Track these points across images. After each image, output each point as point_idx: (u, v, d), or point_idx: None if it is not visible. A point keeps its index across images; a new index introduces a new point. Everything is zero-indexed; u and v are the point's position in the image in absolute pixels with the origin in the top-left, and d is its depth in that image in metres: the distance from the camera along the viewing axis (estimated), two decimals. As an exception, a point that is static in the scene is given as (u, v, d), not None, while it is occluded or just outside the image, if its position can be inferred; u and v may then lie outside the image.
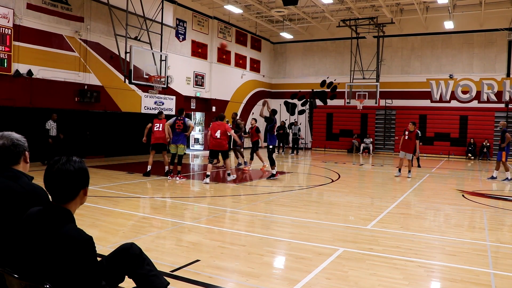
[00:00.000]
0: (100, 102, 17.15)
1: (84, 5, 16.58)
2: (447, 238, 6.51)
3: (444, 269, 5.10)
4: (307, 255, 5.38)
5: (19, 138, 2.63)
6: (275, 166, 12.79)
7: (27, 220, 2.21)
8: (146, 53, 16.52)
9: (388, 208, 8.71)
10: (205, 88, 24.02)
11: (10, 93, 14.14)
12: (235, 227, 6.99)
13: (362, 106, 24.95)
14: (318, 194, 10.79)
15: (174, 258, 5.07)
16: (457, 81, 25.22)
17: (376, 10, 23.70)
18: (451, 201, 9.96)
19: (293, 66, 30.36)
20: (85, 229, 2.20)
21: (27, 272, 2.10)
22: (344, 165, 18.58)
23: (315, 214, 8.05)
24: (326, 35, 28.15)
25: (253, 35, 28.23)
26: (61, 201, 2.22)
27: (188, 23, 22.35)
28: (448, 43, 25.35)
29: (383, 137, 26.78)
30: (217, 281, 4.38)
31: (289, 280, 4.49)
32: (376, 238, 6.31)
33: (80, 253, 2.08)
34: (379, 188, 12.38)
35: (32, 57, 14.79)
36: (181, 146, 12.18)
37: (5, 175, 2.51)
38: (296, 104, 29.99)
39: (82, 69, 16.61)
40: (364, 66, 25.69)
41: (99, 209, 7.80)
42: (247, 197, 9.87)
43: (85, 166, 2.30)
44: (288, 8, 22.19)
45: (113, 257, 2.91)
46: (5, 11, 13.86)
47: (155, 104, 19.94)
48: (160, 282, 2.98)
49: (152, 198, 9.37)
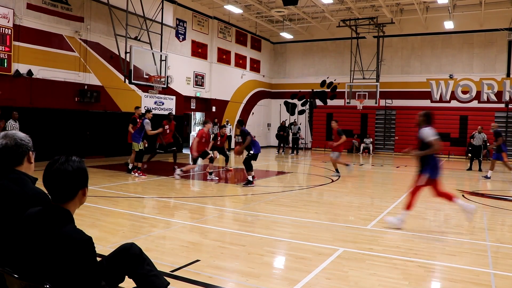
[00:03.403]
0: (100, 102, 17.15)
1: (84, 5, 16.57)
2: (447, 238, 6.52)
3: (444, 269, 5.11)
4: (307, 255, 5.38)
5: (23, 138, 2.58)
6: (252, 172, 11.45)
7: (27, 220, 2.21)
8: (146, 53, 16.52)
9: (388, 208, 8.71)
10: (205, 88, 24.02)
11: (10, 93, 14.14)
12: (235, 227, 6.99)
13: (362, 106, 24.95)
14: (318, 194, 10.79)
15: (174, 258, 5.07)
16: (457, 81, 25.22)
17: (376, 10, 23.70)
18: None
19: (293, 66, 30.35)
20: (85, 229, 2.20)
21: (27, 272, 2.10)
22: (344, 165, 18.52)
23: (315, 214, 8.05)
24: (326, 35, 28.13)
25: (253, 35, 28.23)
26: (60, 201, 2.22)
27: (188, 23, 22.35)
28: (448, 43, 25.35)
29: (383, 137, 26.78)
30: (217, 281, 4.38)
31: (289, 280, 4.50)
32: (376, 238, 6.31)
33: (80, 253, 2.08)
34: (379, 188, 12.39)
35: (32, 57, 14.79)
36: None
37: (8, 178, 2.47)
38: (296, 104, 29.98)
39: (82, 69, 16.61)
40: (364, 66, 25.68)
41: (99, 209, 7.80)
42: (247, 197, 9.87)
43: (84, 166, 2.28)
44: (288, 8, 22.19)
45: (113, 257, 2.91)
46: (5, 11, 13.86)
47: (155, 104, 19.94)
48: (160, 282, 2.98)
49: (152, 198, 9.37)
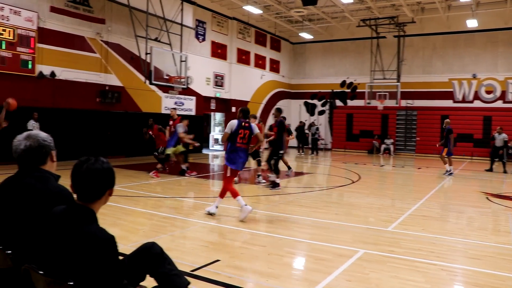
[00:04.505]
0: (121, 102, 17.37)
1: (105, 7, 16.82)
2: (470, 241, 6.37)
3: (467, 273, 5.00)
4: (327, 256, 5.34)
5: (45, 138, 2.66)
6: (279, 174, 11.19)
7: (52, 219, 2.24)
8: (166, 54, 16.66)
9: (409, 210, 8.59)
10: (225, 88, 24.10)
11: (34, 94, 14.44)
12: (255, 228, 6.98)
13: (383, 106, 24.69)
14: (338, 195, 10.71)
15: (194, 258, 5.08)
16: (481, 81, 24.74)
17: (397, 10, 23.41)
18: (474, 204, 9.77)
19: (312, 66, 30.22)
20: (107, 228, 2.22)
21: (51, 269, 2.13)
22: (365, 166, 18.41)
23: (335, 215, 7.99)
24: (346, 35, 27.92)
25: (272, 35, 28.20)
26: (87, 200, 2.25)
27: (208, 24, 22.47)
28: (471, 42, 24.87)
29: (404, 138, 26.45)
30: (237, 281, 4.37)
31: (309, 281, 4.46)
32: (397, 240, 6.22)
33: (103, 251, 2.10)
34: (400, 190, 12.24)
35: (55, 59, 15.07)
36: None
37: (33, 176, 2.56)
38: (316, 104, 29.85)
39: (103, 70, 16.85)
40: (385, 66, 25.40)
41: (120, 208, 7.88)
42: (266, 197, 9.86)
43: (112, 166, 2.35)
44: (308, 8, 22.10)
45: (135, 256, 2.93)
46: (30, 14, 14.15)
47: (175, 104, 20.08)
48: (181, 282, 2.99)
49: (173, 198, 9.43)
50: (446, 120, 15.83)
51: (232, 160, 7.36)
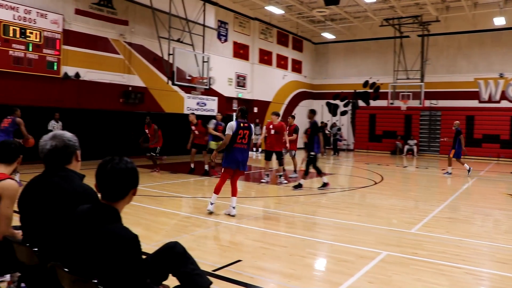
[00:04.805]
0: (144, 103, 17.57)
1: (128, 8, 17.04)
2: (497, 245, 6.22)
3: (494, 278, 4.88)
4: (350, 258, 5.29)
5: (70, 138, 2.72)
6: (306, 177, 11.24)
7: (77, 217, 2.28)
8: (189, 54, 16.78)
9: (433, 212, 8.44)
10: (247, 89, 24.14)
11: (59, 95, 14.74)
12: (277, 228, 6.97)
13: (406, 107, 24.35)
14: (361, 196, 10.61)
15: (216, 258, 5.11)
16: (508, 80, 24.13)
17: (421, 8, 23.03)
18: (501, 206, 9.55)
19: (335, 66, 30.01)
20: (130, 227, 2.24)
21: (76, 267, 2.17)
22: (387, 167, 18.18)
23: (357, 216, 7.92)
24: (369, 35, 27.61)
25: (294, 35, 28.12)
26: (112, 199, 2.29)
27: (230, 24, 22.54)
28: (498, 40, 24.25)
29: (428, 139, 26.02)
30: (259, 282, 4.37)
31: (331, 283, 4.43)
32: (421, 243, 6.12)
33: (126, 251, 2.13)
34: (423, 191, 12.04)
35: (79, 60, 15.36)
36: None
37: (59, 175, 2.62)
38: (338, 105, 29.64)
39: (127, 71, 17.09)
40: (408, 65, 25.03)
41: (143, 207, 7.97)
42: (288, 198, 9.83)
43: (135, 166, 2.38)
44: (330, 8, 21.94)
45: (158, 255, 2.96)
46: (56, 17, 14.45)
47: (198, 105, 20.20)
48: (203, 281, 3.01)
49: (195, 197, 9.49)
50: (455, 122, 15.72)
51: (226, 158, 7.61)
